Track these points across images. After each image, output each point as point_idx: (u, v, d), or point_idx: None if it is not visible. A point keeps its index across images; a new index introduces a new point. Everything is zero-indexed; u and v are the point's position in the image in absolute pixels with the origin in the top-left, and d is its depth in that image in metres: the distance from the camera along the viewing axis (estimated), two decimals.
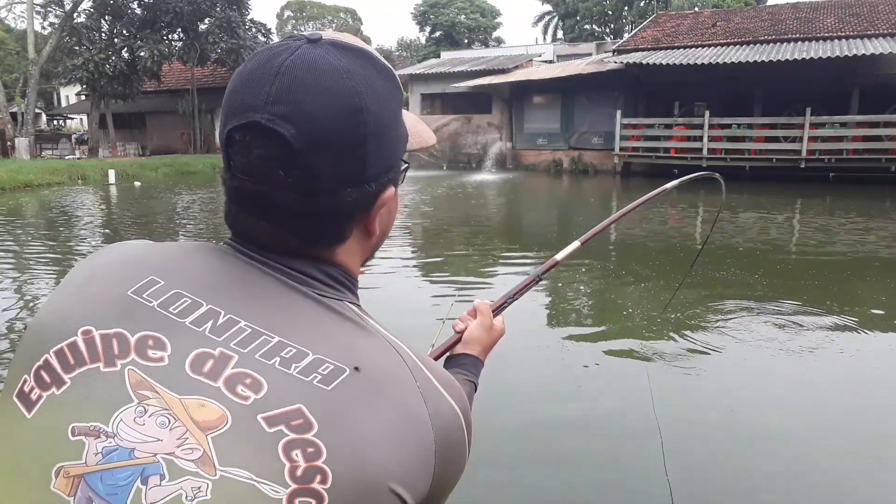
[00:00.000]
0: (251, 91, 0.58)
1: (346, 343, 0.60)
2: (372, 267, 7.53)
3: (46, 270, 7.53)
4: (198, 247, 0.65)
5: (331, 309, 0.62)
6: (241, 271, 0.62)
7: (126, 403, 0.54)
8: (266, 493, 0.52)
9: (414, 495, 0.58)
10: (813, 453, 3.21)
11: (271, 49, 0.60)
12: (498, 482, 2.91)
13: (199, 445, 0.52)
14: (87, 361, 0.56)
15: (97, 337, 0.57)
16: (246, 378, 0.55)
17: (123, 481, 0.51)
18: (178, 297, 0.59)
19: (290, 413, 0.54)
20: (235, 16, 24.33)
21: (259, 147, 0.58)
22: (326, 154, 0.58)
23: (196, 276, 0.61)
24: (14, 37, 38.27)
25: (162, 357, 0.56)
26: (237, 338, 0.57)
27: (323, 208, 0.61)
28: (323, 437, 0.54)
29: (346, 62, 0.59)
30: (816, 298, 5.96)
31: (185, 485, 0.51)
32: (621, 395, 3.88)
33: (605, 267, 7.54)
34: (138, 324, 0.57)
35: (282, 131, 0.56)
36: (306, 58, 0.58)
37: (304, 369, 0.57)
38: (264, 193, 0.59)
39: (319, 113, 0.57)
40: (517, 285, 1.26)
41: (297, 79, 0.57)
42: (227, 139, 0.60)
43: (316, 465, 0.53)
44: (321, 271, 0.63)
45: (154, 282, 0.60)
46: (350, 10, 55.31)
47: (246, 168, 0.59)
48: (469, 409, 0.66)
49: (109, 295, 0.60)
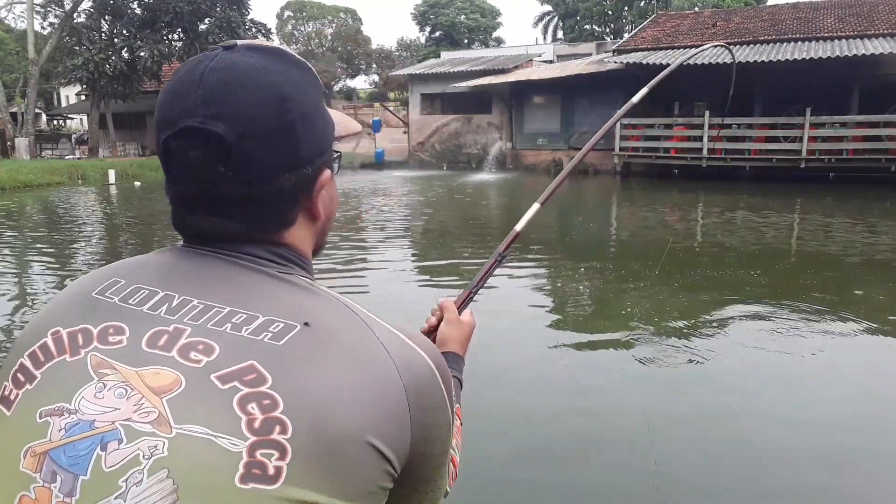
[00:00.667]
0: (179, 101, 0.62)
1: (296, 304, 0.62)
2: (372, 267, 7.53)
3: (46, 271, 7.53)
4: (160, 250, 0.70)
5: (280, 279, 0.64)
6: (194, 261, 0.66)
7: (87, 382, 0.57)
8: (224, 447, 0.53)
9: (394, 450, 0.59)
10: (813, 452, 3.22)
11: (191, 62, 0.64)
12: (495, 477, 2.92)
13: (155, 408, 0.55)
14: (55, 356, 0.60)
15: (64, 335, 0.61)
16: (199, 345, 0.58)
17: (84, 451, 0.54)
18: (138, 290, 0.64)
19: (243, 370, 0.56)
20: (235, 16, 24.29)
21: (196, 149, 0.61)
22: (259, 143, 0.61)
23: (154, 271, 0.66)
24: (14, 37, 38.27)
25: (121, 340, 0.59)
26: (190, 313, 0.61)
27: (265, 194, 0.64)
28: (278, 388, 0.56)
29: (262, 60, 0.63)
30: (816, 298, 5.96)
31: (141, 445, 0.53)
32: (619, 394, 3.88)
33: (604, 267, 7.54)
34: (101, 318, 0.61)
35: (215, 129, 0.60)
36: (225, 62, 0.62)
37: (254, 330, 0.59)
38: (208, 191, 0.63)
39: (246, 107, 0.61)
40: (481, 271, 1.23)
41: (219, 81, 0.61)
42: (163, 150, 0.63)
43: (274, 416, 0.54)
44: (271, 252, 0.66)
45: (116, 282, 0.65)
46: (350, 10, 55.25)
47: (187, 171, 0.63)
48: (443, 362, 0.66)
49: (77, 299, 0.65)
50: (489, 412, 3.51)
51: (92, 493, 0.52)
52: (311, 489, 0.54)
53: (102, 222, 11.82)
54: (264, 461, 0.53)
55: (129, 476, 0.52)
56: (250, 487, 0.53)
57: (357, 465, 0.56)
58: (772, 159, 17.04)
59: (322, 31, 54.67)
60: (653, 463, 3.04)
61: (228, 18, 24.02)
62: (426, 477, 0.66)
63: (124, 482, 0.52)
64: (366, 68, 56.68)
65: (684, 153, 17.98)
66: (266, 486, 0.53)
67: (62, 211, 13.13)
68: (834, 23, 19.11)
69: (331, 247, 8.75)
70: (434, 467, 0.67)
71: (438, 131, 24.94)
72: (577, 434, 3.40)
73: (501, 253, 1.22)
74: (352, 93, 50.98)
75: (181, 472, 0.53)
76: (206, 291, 0.62)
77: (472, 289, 1.20)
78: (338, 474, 0.55)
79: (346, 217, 11.89)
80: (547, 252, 8.36)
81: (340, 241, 9.27)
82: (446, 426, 0.66)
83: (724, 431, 3.40)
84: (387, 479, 0.59)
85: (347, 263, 7.68)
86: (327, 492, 0.55)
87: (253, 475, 0.53)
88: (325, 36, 54.48)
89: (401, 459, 0.60)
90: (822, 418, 3.57)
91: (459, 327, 1.11)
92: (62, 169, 19.41)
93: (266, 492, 0.53)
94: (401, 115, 31.33)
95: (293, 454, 0.54)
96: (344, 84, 52.97)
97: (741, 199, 13.38)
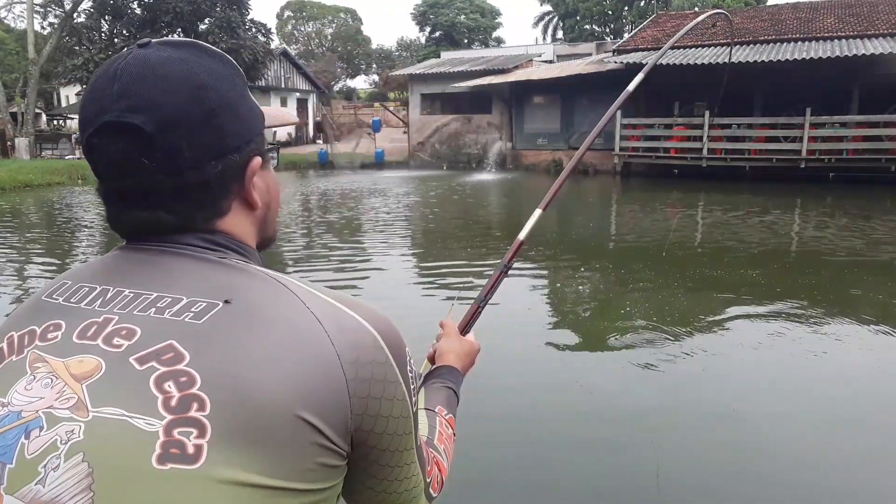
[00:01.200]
0: (96, 99, 0.62)
1: (220, 283, 0.62)
2: (372, 267, 7.52)
3: (46, 271, 7.53)
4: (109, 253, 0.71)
5: (210, 261, 0.65)
6: (132, 256, 0.67)
7: (21, 377, 0.59)
8: (139, 427, 0.53)
9: (330, 424, 0.57)
10: (812, 453, 3.22)
11: (107, 62, 0.65)
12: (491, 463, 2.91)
13: (75, 394, 0.56)
14: (5, 358, 0.62)
15: (15, 338, 0.63)
16: (122, 330, 0.59)
17: (11, 440, 0.55)
18: (80, 289, 0.65)
19: (161, 349, 0.57)
20: (235, 16, 24.27)
21: (116, 143, 0.61)
22: (180, 132, 0.61)
23: (97, 270, 0.67)
24: (14, 37, 38.24)
25: (56, 335, 0.61)
26: (120, 303, 0.62)
27: (193, 184, 0.64)
28: (195, 365, 0.56)
29: (176, 53, 0.64)
30: (815, 298, 5.96)
31: (59, 430, 0.54)
32: (619, 394, 3.88)
33: (604, 267, 7.54)
34: (45, 318, 0.63)
35: (132, 121, 0.60)
36: (139, 57, 0.63)
37: (176, 311, 0.59)
38: (134, 184, 0.63)
39: (162, 97, 0.61)
40: (486, 285, 1.19)
41: (134, 75, 0.61)
42: (86, 149, 0.64)
43: (191, 393, 0.54)
44: (203, 240, 0.66)
45: (63, 283, 0.67)
46: (350, 10, 55.23)
47: (111, 167, 0.63)
48: (394, 333, 0.64)
49: (30, 304, 0.67)
50: (488, 412, 3.51)
51: (16, 480, 0.53)
52: (238, 467, 0.53)
53: (102, 222, 11.81)
54: (182, 440, 0.52)
55: (47, 461, 0.53)
56: (169, 468, 0.52)
57: (287, 440, 0.54)
58: (772, 159, 17.03)
59: (322, 31, 54.66)
60: (654, 463, 3.04)
61: (228, 18, 24.01)
62: (385, 462, 0.64)
63: (43, 468, 0.53)
64: (366, 68, 56.69)
65: (684, 153, 17.96)
66: (186, 466, 0.52)
67: (62, 211, 13.13)
68: (834, 23, 19.10)
69: (331, 247, 8.75)
70: (392, 451, 0.64)
71: (438, 131, 24.92)
72: (577, 434, 3.40)
73: (506, 265, 1.19)
74: (352, 93, 50.96)
75: (96, 454, 0.53)
76: (138, 281, 0.63)
77: (479, 305, 1.17)
78: (267, 451, 0.54)
79: (346, 218, 11.89)
80: (546, 252, 8.35)
81: (340, 242, 9.27)
82: (401, 402, 0.63)
83: (726, 431, 3.40)
84: (329, 456, 0.57)
85: (347, 265, 7.67)
86: (257, 469, 0.53)
87: (171, 455, 0.52)
88: (325, 36, 54.47)
89: (342, 435, 0.58)
90: (824, 418, 3.57)
91: (459, 341, 1.09)
92: (62, 169, 19.40)
93: (187, 472, 0.52)
94: (401, 115, 31.32)
95: (213, 431, 0.53)
96: (344, 84, 52.95)
97: (741, 200, 13.38)
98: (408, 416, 0.65)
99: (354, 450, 0.61)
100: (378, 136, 25.91)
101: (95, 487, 0.52)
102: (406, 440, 0.66)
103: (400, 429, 0.64)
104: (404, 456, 0.66)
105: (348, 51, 52.93)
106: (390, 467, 0.65)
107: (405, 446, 0.66)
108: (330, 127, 29.72)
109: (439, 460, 0.82)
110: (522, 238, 1.22)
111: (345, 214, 12.11)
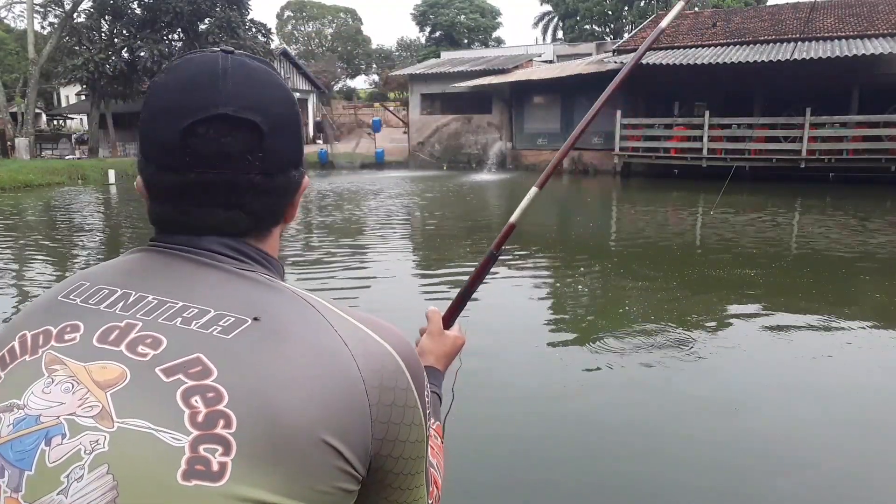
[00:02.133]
0: (204, 90, 0.62)
1: (249, 299, 0.61)
2: (371, 268, 7.52)
3: (45, 270, 7.53)
4: (128, 252, 0.70)
5: (237, 274, 0.64)
6: (156, 260, 0.66)
7: (38, 378, 0.57)
8: (166, 441, 0.52)
9: (352, 448, 0.56)
10: (812, 452, 3.22)
11: (197, 58, 0.65)
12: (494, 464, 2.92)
13: (99, 402, 0.54)
14: (17, 357, 0.60)
15: (28, 337, 0.61)
16: (147, 339, 0.58)
17: (30, 445, 0.53)
18: (99, 290, 0.64)
19: (189, 362, 0.56)
20: (235, 16, 24.27)
21: (228, 136, 0.62)
22: (284, 137, 0.65)
23: (117, 271, 0.66)
24: (14, 37, 38.22)
25: (74, 337, 0.59)
26: (144, 309, 0.60)
27: (279, 187, 0.66)
28: (223, 381, 0.55)
29: (265, 66, 0.67)
30: (815, 298, 5.97)
31: (83, 440, 0.53)
32: (619, 394, 3.88)
33: (604, 266, 7.53)
34: (61, 318, 0.62)
35: (251, 118, 0.62)
36: (239, 61, 0.64)
37: (204, 324, 0.58)
38: (228, 179, 0.63)
39: (273, 101, 0.64)
40: (473, 274, 1.11)
41: (245, 76, 0.63)
42: (186, 136, 0.61)
43: (217, 410, 0.53)
44: (232, 249, 0.66)
45: (81, 284, 0.65)
46: (350, 10, 55.22)
47: (214, 157, 0.62)
48: (415, 357, 0.64)
49: (44, 304, 0.66)
50: (486, 412, 3.51)
51: (36, 488, 0.52)
52: (260, 487, 0.52)
53: (102, 222, 11.82)
54: (208, 457, 0.52)
55: (70, 471, 0.52)
56: (193, 485, 0.51)
57: (309, 463, 0.54)
58: (772, 159, 17.04)
59: (322, 31, 54.66)
60: (654, 463, 3.04)
61: (228, 18, 24.00)
62: (396, 485, 0.64)
63: (66, 478, 0.51)
64: (366, 68, 56.68)
65: (684, 153, 17.97)
66: (210, 483, 0.51)
67: (62, 211, 13.13)
68: (834, 23, 19.10)
69: (330, 248, 8.74)
70: (405, 474, 0.64)
71: (438, 131, 24.93)
72: (577, 434, 3.40)
73: (495, 251, 1.10)
74: (352, 93, 50.96)
75: (121, 467, 0.51)
76: (163, 287, 0.62)
77: (465, 294, 1.11)
78: (288, 472, 0.53)
79: (345, 218, 11.88)
80: (546, 251, 8.35)
81: (339, 242, 9.27)
82: (418, 427, 0.63)
83: (727, 431, 3.40)
84: (347, 481, 0.57)
85: (346, 266, 7.67)
86: (278, 490, 0.52)
87: (196, 472, 0.51)
88: (325, 36, 54.48)
89: (362, 460, 0.58)
90: (824, 417, 3.57)
91: (441, 341, 1.05)
92: (62, 169, 19.41)
93: (210, 489, 0.51)
94: (401, 115, 31.33)
95: (238, 450, 0.52)
96: (344, 84, 52.95)
97: (741, 200, 13.38)
98: (423, 440, 0.65)
99: (370, 474, 0.60)
100: (378, 136, 25.92)
101: (120, 501, 0.51)
102: (419, 464, 0.66)
103: (415, 453, 0.64)
104: (415, 479, 0.66)
105: (348, 51, 52.93)
106: (401, 490, 0.65)
107: (417, 469, 0.66)
108: (330, 127, 29.74)
109: (436, 478, 0.81)
110: (514, 221, 1.11)
111: (345, 215, 12.11)
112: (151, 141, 0.64)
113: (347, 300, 5.66)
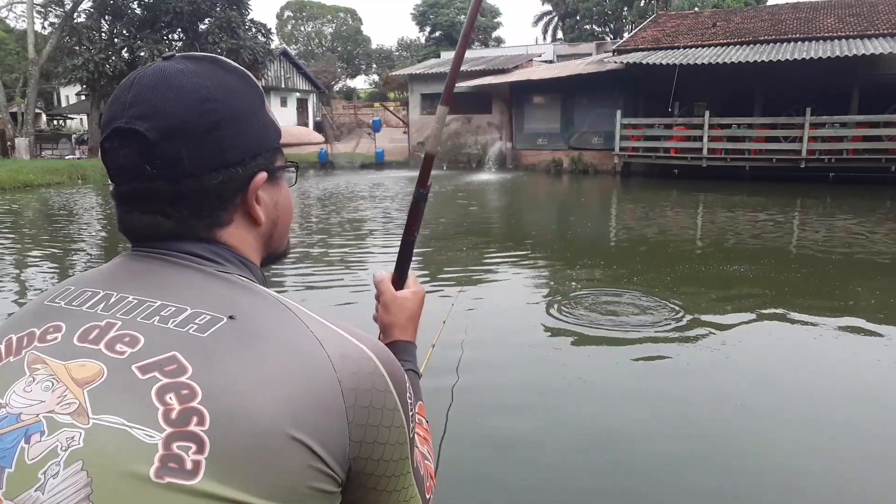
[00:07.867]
0: (113, 106, 0.66)
1: (226, 299, 0.62)
2: (372, 268, 7.52)
3: (45, 271, 7.53)
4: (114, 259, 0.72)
5: (214, 275, 0.65)
6: (137, 262, 0.68)
7: (20, 377, 0.58)
8: (139, 438, 0.53)
9: (327, 448, 0.57)
10: (813, 452, 3.21)
11: (133, 72, 0.68)
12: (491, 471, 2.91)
13: (76, 399, 0.55)
14: (2, 359, 0.61)
15: (14, 340, 0.63)
16: (125, 337, 0.59)
17: (10, 444, 0.54)
18: (83, 293, 0.65)
19: (164, 360, 0.57)
20: (235, 16, 24.27)
21: (123, 148, 0.64)
22: (181, 141, 0.63)
23: (101, 274, 0.68)
24: (14, 37, 38.22)
25: (56, 337, 0.61)
26: (123, 308, 0.62)
27: (192, 192, 0.65)
28: (197, 378, 0.55)
29: (192, 66, 0.66)
30: (815, 298, 5.96)
31: (60, 437, 0.54)
32: (619, 393, 3.87)
33: (603, 267, 7.53)
34: (45, 321, 0.63)
35: (137, 128, 0.63)
36: (157, 68, 0.66)
37: (180, 322, 0.60)
38: (136, 188, 0.65)
39: (168, 107, 0.63)
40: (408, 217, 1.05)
41: (147, 85, 0.64)
42: (101, 153, 0.67)
43: (191, 407, 0.54)
44: (207, 250, 0.67)
45: (67, 288, 0.67)
46: (350, 10, 55.27)
47: (118, 171, 0.66)
48: (392, 359, 0.65)
49: (31, 308, 0.67)
50: (485, 411, 3.51)
51: (16, 485, 0.52)
52: (233, 486, 0.52)
53: (102, 222, 11.81)
54: (181, 454, 0.52)
55: (47, 468, 0.52)
56: (166, 482, 0.51)
57: (281, 462, 0.54)
58: (772, 159, 17.03)
59: (322, 31, 54.68)
60: (654, 462, 3.03)
61: (228, 18, 24.01)
62: (382, 487, 0.64)
63: (43, 474, 0.52)
64: (366, 68, 56.71)
65: (684, 153, 17.97)
66: (183, 481, 0.51)
67: (62, 211, 13.13)
68: (834, 23, 19.10)
69: (329, 249, 8.74)
70: (389, 476, 0.64)
71: None
72: (577, 433, 3.40)
73: (422, 190, 1.03)
74: (352, 93, 50.98)
75: (95, 463, 0.52)
76: (143, 288, 0.64)
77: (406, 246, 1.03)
78: (261, 471, 0.53)
79: (345, 219, 11.89)
80: (546, 251, 8.36)
81: (340, 242, 9.28)
82: (399, 429, 0.63)
83: (727, 431, 3.40)
84: (323, 482, 0.57)
85: (346, 265, 7.67)
86: (251, 490, 0.53)
87: (169, 469, 0.52)
88: (325, 36, 54.50)
89: (339, 461, 0.58)
90: (825, 418, 3.57)
91: (399, 306, 0.98)
92: (62, 169, 19.40)
93: (184, 487, 0.51)
94: (401, 115, 31.33)
95: (211, 448, 0.52)
96: (344, 84, 52.96)
97: (741, 200, 13.37)
98: (404, 441, 0.65)
99: (352, 477, 0.60)
100: (378, 136, 25.92)
101: (94, 498, 0.51)
102: (403, 465, 0.66)
103: (397, 455, 0.64)
104: (401, 480, 0.66)
105: (348, 51, 52.97)
106: (388, 492, 0.65)
107: (401, 471, 0.66)
108: (330, 127, 29.74)
109: (430, 469, 0.81)
110: (430, 151, 1.07)
111: (347, 214, 12.11)
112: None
113: (347, 300, 5.67)
